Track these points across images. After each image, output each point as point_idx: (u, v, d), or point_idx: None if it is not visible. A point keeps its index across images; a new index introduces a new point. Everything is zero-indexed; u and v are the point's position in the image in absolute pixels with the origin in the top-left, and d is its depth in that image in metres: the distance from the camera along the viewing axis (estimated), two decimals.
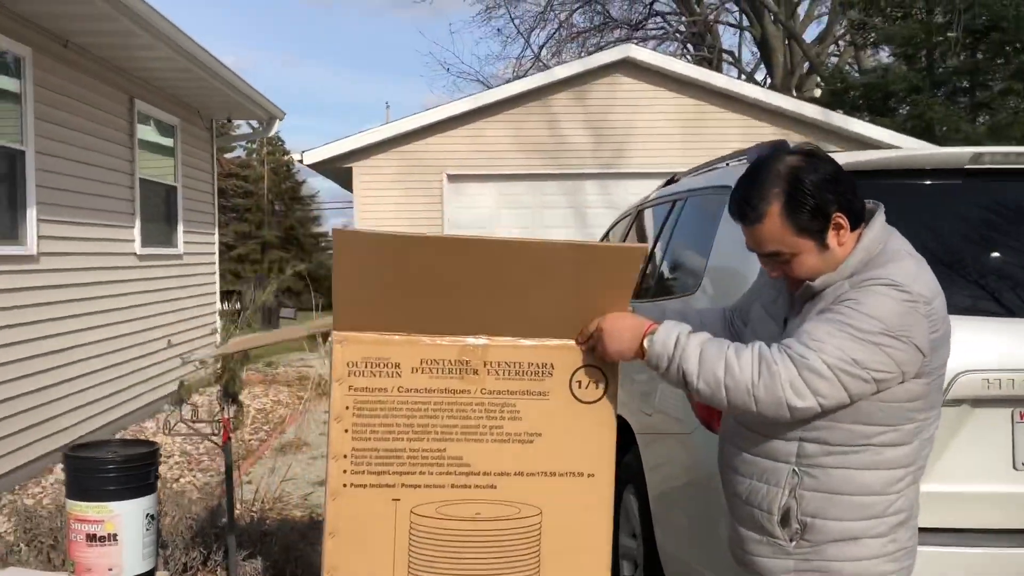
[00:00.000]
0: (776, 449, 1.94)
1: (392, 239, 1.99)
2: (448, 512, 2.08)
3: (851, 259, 1.89)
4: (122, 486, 3.44)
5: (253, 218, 30.61)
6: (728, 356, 1.83)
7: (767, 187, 1.88)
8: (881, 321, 1.78)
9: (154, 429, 7.63)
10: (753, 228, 1.92)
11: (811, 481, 1.91)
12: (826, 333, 1.79)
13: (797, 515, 1.92)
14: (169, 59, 7.37)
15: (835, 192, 1.87)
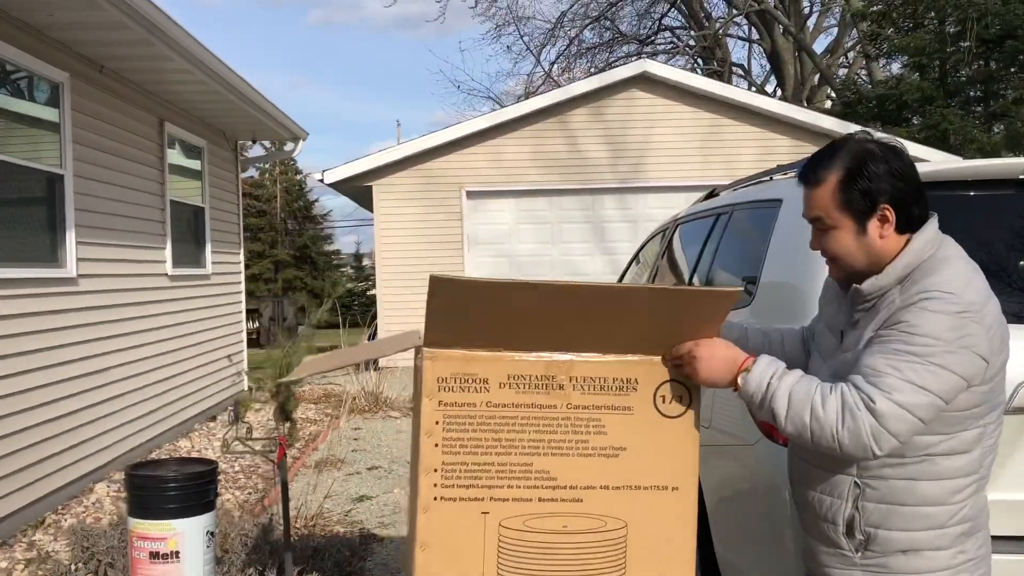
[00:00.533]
0: (838, 461, 1.97)
1: (486, 285, 2.00)
2: (535, 525, 2.11)
3: (898, 261, 1.91)
4: (183, 504, 3.47)
5: (266, 237, 30.79)
6: (814, 402, 1.85)
7: (836, 158, 1.96)
8: (938, 339, 1.80)
9: (188, 447, 7.69)
10: (809, 190, 2.00)
11: (873, 492, 1.94)
12: (890, 367, 1.81)
13: (861, 526, 1.94)
14: (200, 82, 7.48)
15: (892, 185, 1.91)
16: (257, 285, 28.66)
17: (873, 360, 1.83)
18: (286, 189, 31.56)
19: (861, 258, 1.95)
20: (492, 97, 27.95)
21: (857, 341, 1.95)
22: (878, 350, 1.84)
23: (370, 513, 5.64)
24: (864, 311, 1.97)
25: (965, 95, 15.98)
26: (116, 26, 5.91)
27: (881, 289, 1.92)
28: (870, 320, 1.93)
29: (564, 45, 24.76)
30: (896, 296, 1.90)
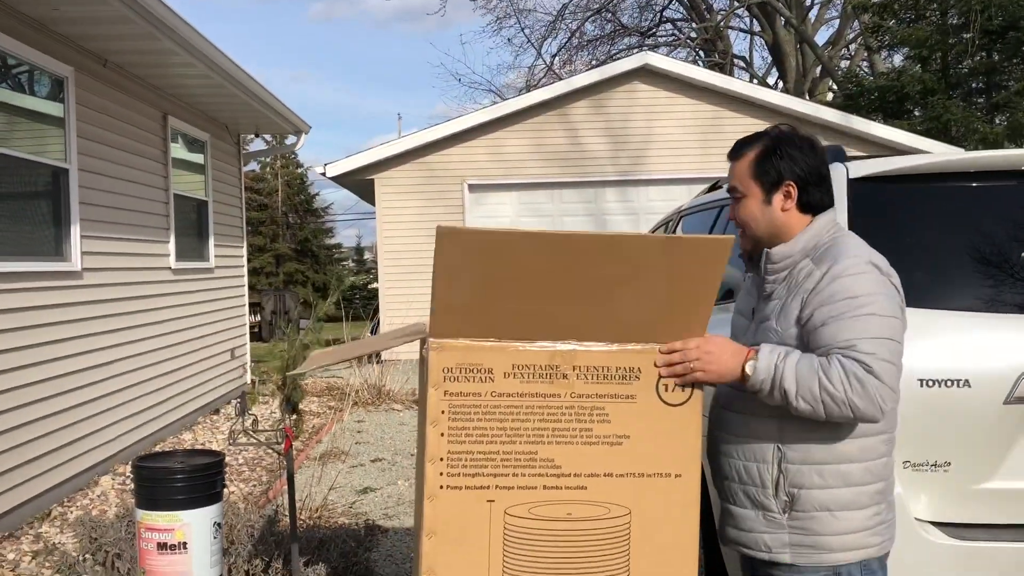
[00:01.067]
0: (760, 429, 2.14)
1: (493, 233, 2.07)
2: (541, 513, 2.13)
3: (804, 234, 2.15)
4: (191, 495, 3.51)
5: (267, 231, 30.85)
6: (820, 375, 1.98)
7: (759, 139, 2.24)
8: (873, 293, 2.02)
9: (192, 440, 7.72)
10: (732, 164, 2.26)
11: (794, 455, 2.10)
12: (858, 332, 1.98)
13: (786, 487, 2.10)
14: (204, 76, 7.49)
15: (799, 167, 2.17)
16: (258, 279, 28.71)
17: (841, 333, 2.00)
18: (287, 183, 31.59)
19: (764, 226, 2.19)
20: (493, 90, 27.96)
21: (779, 310, 2.13)
22: (836, 324, 2.01)
23: (374, 505, 5.68)
24: (777, 282, 2.17)
25: (967, 87, 15.97)
26: (120, 20, 5.92)
27: (788, 256, 2.15)
28: (788, 290, 2.13)
29: (565, 38, 24.76)
30: (810, 267, 2.11)
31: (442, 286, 2.07)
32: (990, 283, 2.86)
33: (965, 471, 2.67)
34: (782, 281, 2.16)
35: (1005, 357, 2.67)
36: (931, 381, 2.66)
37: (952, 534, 2.64)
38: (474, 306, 2.09)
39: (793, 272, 2.14)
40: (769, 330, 2.14)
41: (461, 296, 2.08)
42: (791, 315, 2.10)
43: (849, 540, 2.07)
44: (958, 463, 2.67)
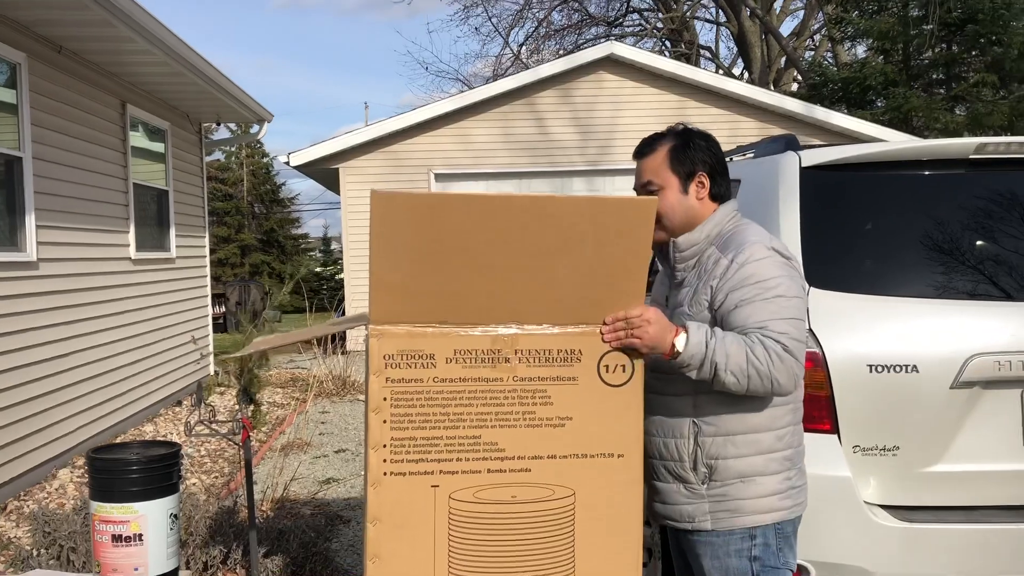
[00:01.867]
0: (676, 406, 2.25)
1: (428, 196, 2.13)
2: (485, 496, 2.14)
3: (707, 223, 2.28)
4: (146, 487, 3.48)
5: (232, 221, 30.49)
6: (747, 351, 2.09)
7: (667, 136, 2.36)
8: (777, 275, 2.16)
9: (153, 432, 7.65)
10: (642, 160, 2.36)
11: (708, 428, 2.21)
12: (769, 314, 2.11)
13: (703, 459, 2.22)
14: (162, 64, 7.39)
15: (708, 159, 2.32)
16: (224, 270, 28.41)
17: (754, 315, 2.13)
18: (252, 172, 31.25)
19: (680, 216, 2.29)
20: (461, 79, 27.83)
21: (691, 296, 2.24)
22: (749, 307, 2.13)
23: (337, 495, 5.66)
24: (687, 270, 2.30)
25: (928, 78, 16.15)
26: (75, 6, 5.82)
27: (694, 244, 2.28)
28: (698, 276, 2.25)
29: (533, 27, 24.71)
30: (716, 255, 2.23)
31: (380, 259, 2.07)
32: (940, 270, 2.89)
33: (913, 455, 2.71)
34: (691, 269, 2.29)
35: (952, 343, 2.71)
36: (880, 367, 2.70)
37: (901, 517, 2.68)
38: (412, 285, 2.09)
39: (701, 260, 2.27)
40: (683, 316, 2.24)
41: (399, 272, 2.08)
42: (702, 301, 2.21)
43: (763, 503, 2.19)
44: (906, 447, 2.71)
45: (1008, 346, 2.65)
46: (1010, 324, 2.69)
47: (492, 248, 2.08)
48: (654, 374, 2.25)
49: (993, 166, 3.00)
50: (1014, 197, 3.03)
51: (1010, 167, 3.00)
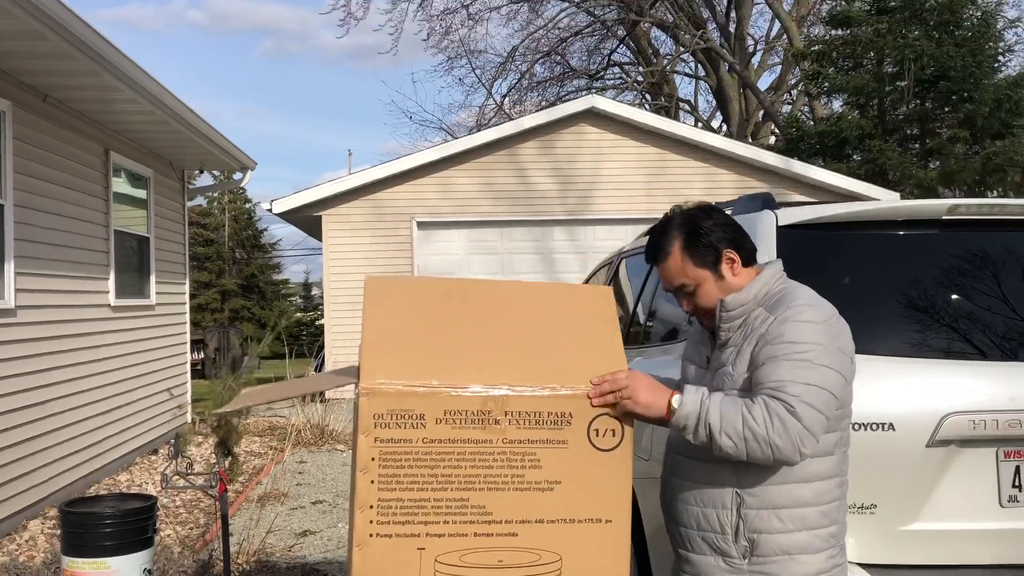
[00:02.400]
0: (718, 474, 2.16)
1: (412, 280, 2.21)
2: (471, 560, 2.12)
3: (755, 284, 2.21)
4: (120, 541, 3.42)
5: (213, 266, 30.44)
6: (744, 413, 2.03)
7: (671, 231, 2.27)
8: (817, 343, 2.07)
9: (128, 481, 7.54)
10: (662, 266, 2.28)
11: (752, 500, 2.12)
12: (791, 376, 2.03)
13: (745, 532, 2.12)
14: (147, 112, 7.43)
15: (725, 233, 2.24)
16: (203, 315, 28.26)
17: (774, 373, 2.06)
18: (234, 218, 31.27)
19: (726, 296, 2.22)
20: (444, 128, 28.09)
21: (735, 356, 2.17)
22: (773, 365, 2.07)
23: (314, 548, 5.58)
24: (732, 330, 2.21)
25: (903, 132, 16.47)
26: (62, 56, 5.86)
27: (742, 304, 2.20)
28: (744, 337, 2.18)
29: (515, 78, 25.04)
30: (763, 314, 2.17)
31: (371, 329, 2.12)
32: (915, 328, 2.93)
33: (890, 513, 2.72)
34: (737, 329, 2.21)
35: (928, 401, 2.74)
36: (858, 424, 2.71)
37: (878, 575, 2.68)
38: (402, 349, 2.12)
39: (748, 320, 2.19)
40: (725, 375, 2.18)
41: (390, 339, 2.12)
42: (746, 359, 2.15)
43: None
44: (884, 505, 2.72)
45: (982, 405, 2.68)
46: (984, 383, 2.72)
47: (474, 321, 2.19)
48: None
49: (966, 226, 3.06)
50: (986, 256, 3.09)
51: (982, 227, 3.06)
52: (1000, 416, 2.66)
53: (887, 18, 15.63)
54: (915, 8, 15.31)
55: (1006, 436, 2.67)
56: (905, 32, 15.38)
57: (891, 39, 15.25)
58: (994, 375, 2.74)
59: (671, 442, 2.33)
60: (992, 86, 15.13)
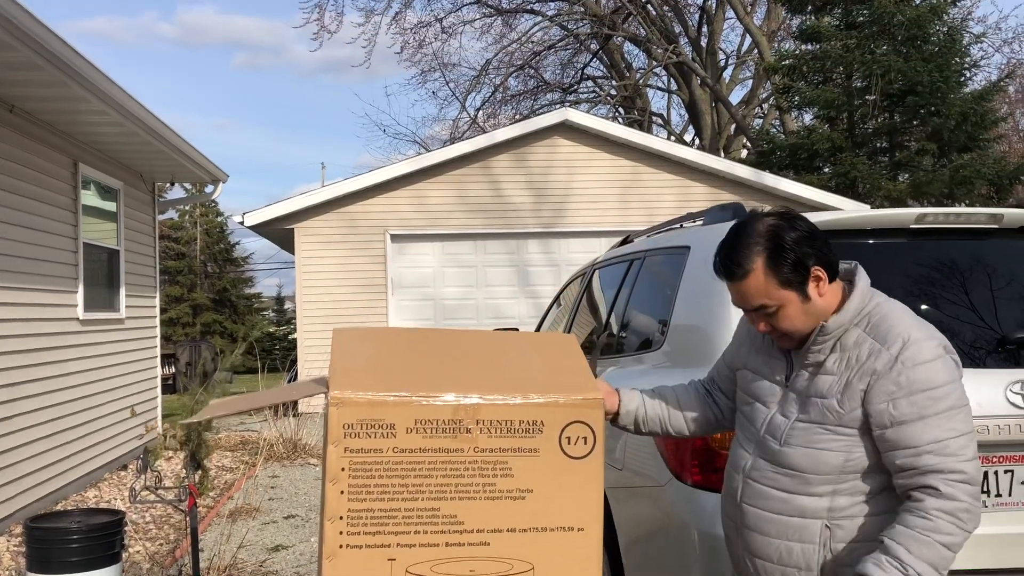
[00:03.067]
0: (808, 506, 2.04)
1: (379, 330, 2.47)
2: (442, 570, 2.10)
3: (852, 303, 2.03)
4: (87, 556, 3.37)
5: (185, 280, 30.18)
6: (934, 540, 1.87)
7: (751, 245, 2.02)
8: (950, 382, 1.95)
9: (97, 498, 7.42)
10: (740, 284, 2.05)
11: (842, 532, 2.01)
12: (946, 431, 1.91)
13: (832, 567, 2.01)
14: (117, 124, 7.36)
15: (812, 247, 2.01)
16: (175, 329, 27.98)
17: (925, 433, 1.92)
18: (206, 231, 31.04)
19: (811, 323, 2.04)
20: (418, 141, 28.09)
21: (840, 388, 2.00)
22: (920, 424, 1.92)
23: (286, 563, 5.52)
24: (823, 352, 2.04)
25: (872, 146, 16.67)
26: (29, 67, 5.80)
27: (842, 325, 2.02)
28: (845, 365, 2.01)
29: (489, 92, 25.11)
30: (866, 341, 1.99)
31: (340, 356, 2.16)
32: None
33: None
34: (830, 352, 2.04)
35: None
36: None
37: None
38: (373, 366, 2.13)
39: (844, 343, 2.03)
40: (828, 409, 2.01)
41: (361, 360, 2.15)
42: (856, 396, 1.98)
43: None
44: None
45: None
46: None
47: (443, 351, 2.29)
48: (779, 467, 2.08)
49: (934, 235, 3.09)
50: (954, 265, 3.12)
51: (950, 236, 3.10)
52: None
53: (856, 33, 15.84)
54: (883, 24, 15.52)
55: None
56: (873, 47, 15.59)
57: (860, 54, 15.45)
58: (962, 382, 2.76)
59: (739, 464, 2.20)
60: (958, 100, 15.36)
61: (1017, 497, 2.74)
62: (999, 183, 15.47)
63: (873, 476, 2.02)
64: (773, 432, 2.12)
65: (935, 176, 15.02)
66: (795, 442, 2.07)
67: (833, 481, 2.02)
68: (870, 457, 2.01)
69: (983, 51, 22.26)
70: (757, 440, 2.17)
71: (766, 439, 2.14)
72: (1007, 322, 2.92)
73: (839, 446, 2.02)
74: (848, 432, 2.01)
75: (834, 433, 2.02)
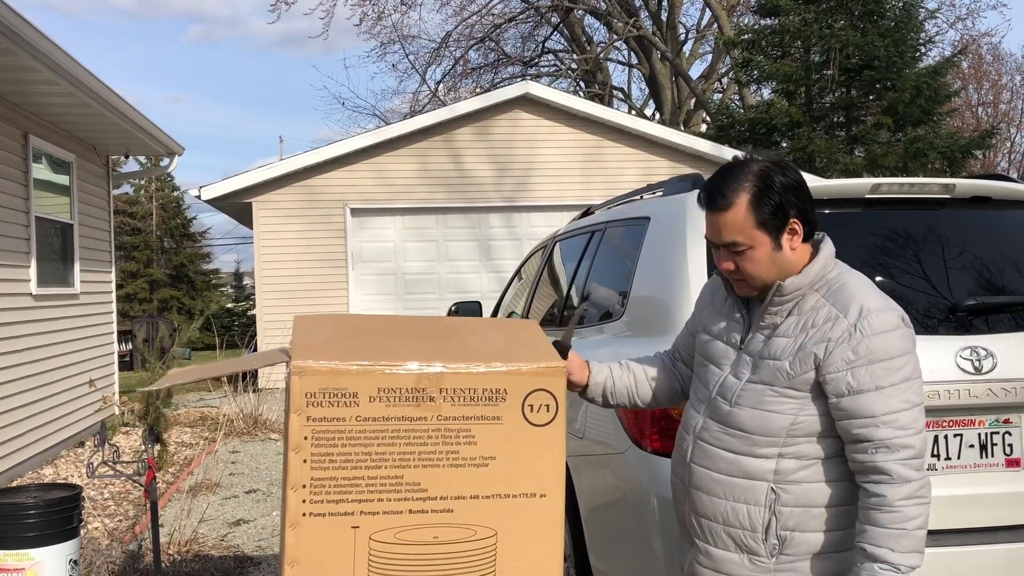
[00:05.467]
0: (754, 468, 2.06)
1: (340, 316, 2.44)
2: (406, 537, 2.12)
3: (813, 267, 2.03)
4: (44, 531, 3.34)
5: (141, 256, 29.70)
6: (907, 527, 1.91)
7: (740, 180, 2.02)
8: (907, 352, 1.98)
9: (53, 475, 7.33)
10: (719, 215, 2.03)
11: (788, 497, 2.03)
12: (899, 403, 1.94)
13: (777, 530, 2.03)
14: (69, 95, 7.19)
15: (798, 199, 2.02)
16: (131, 305, 27.57)
17: (883, 403, 1.94)
18: (162, 206, 30.53)
19: (774, 273, 2.04)
20: (378, 115, 27.84)
21: (793, 351, 2.01)
22: (876, 395, 1.94)
23: (247, 537, 5.51)
24: (780, 315, 2.05)
25: (829, 120, 16.84)
26: None
27: (799, 288, 2.02)
28: (802, 329, 2.01)
29: (449, 65, 24.92)
30: (824, 307, 2.00)
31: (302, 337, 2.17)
32: None
33: None
34: (787, 314, 2.04)
35: None
36: None
37: None
38: (335, 341, 2.14)
39: (801, 307, 2.03)
40: (779, 371, 2.02)
41: (322, 336, 2.17)
42: (809, 361, 1.98)
43: None
44: None
45: None
46: None
47: (405, 328, 2.35)
48: (727, 428, 2.09)
49: (888, 205, 3.15)
50: (908, 234, 3.18)
51: (903, 206, 3.15)
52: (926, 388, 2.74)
53: (814, 8, 15.94)
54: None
55: (926, 407, 2.75)
56: (831, 22, 15.70)
57: (818, 28, 15.56)
58: None
59: (690, 426, 2.20)
60: (913, 75, 15.55)
61: (965, 460, 2.81)
62: (952, 157, 15.73)
63: (819, 441, 2.03)
64: (724, 393, 2.14)
65: (890, 150, 15.22)
66: (744, 403, 2.08)
67: (779, 444, 2.03)
68: (817, 421, 2.02)
69: (937, 27, 22.53)
70: (708, 401, 2.18)
71: (717, 400, 2.15)
72: (958, 290, 2.98)
73: (787, 408, 2.03)
74: (797, 395, 2.02)
75: (782, 395, 2.03)
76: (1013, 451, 2.83)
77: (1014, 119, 30.05)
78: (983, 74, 29.40)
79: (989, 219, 3.22)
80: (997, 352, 2.81)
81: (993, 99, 29.91)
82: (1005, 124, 27.81)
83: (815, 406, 2.02)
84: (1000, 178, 3.36)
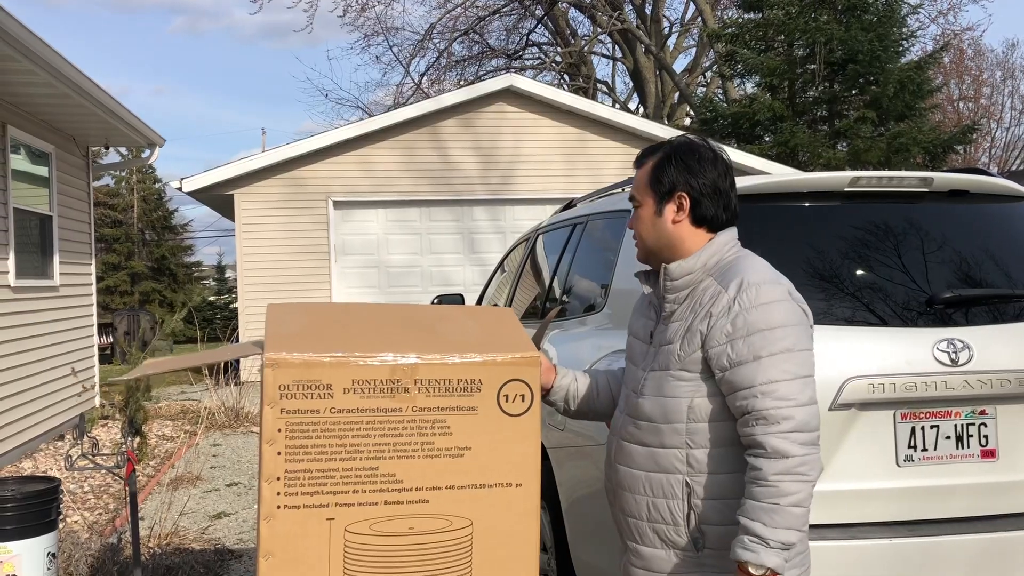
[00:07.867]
0: (667, 461, 2.06)
1: (315, 304, 2.38)
2: (382, 528, 2.11)
3: (704, 251, 2.08)
4: (21, 524, 3.31)
5: (122, 248, 29.47)
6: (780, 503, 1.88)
7: (661, 148, 2.20)
8: (789, 324, 1.97)
9: (32, 468, 7.28)
10: (637, 171, 2.23)
11: (702, 490, 2.03)
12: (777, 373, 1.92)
13: (697, 523, 2.03)
14: (47, 84, 7.12)
15: (695, 179, 2.11)
16: (112, 298, 27.38)
17: (761, 373, 1.93)
18: (143, 198, 30.31)
19: (654, 238, 2.14)
20: (361, 107, 27.75)
21: (684, 333, 2.04)
22: (754, 365, 1.93)
23: (228, 530, 5.49)
24: (678, 302, 2.09)
25: (812, 114, 16.90)
26: None
27: (688, 272, 2.07)
28: (692, 311, 2.05)
29: (433, 57, 24.86)
30: (713, 286, 2.03)
31: (275, 328, 2.16)
32: (819, 296, 3.01)
33: None
34: (683, 300, 2.08)
35: (831, 366, 2.82)
36: None
37: None
38: (309, 331, 2.13)
39: (696, 292, 2.07)
40: (671, 354, 2.06)
41: (296, 326, 2.16)
42: (695, 340, 2.02)
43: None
44: None
45: (881, 369, 2.78)
46: (883, 348, 2.82)
47: (380, 317, 2.31)
48: (637, 422, 2.12)
49: (867, 198, 3.16)
50: (887, 227, 3.19)
51: (882, 199, 3.16)
52: (897, 379, 2.76)
53: (798, 2, 15.98)
54: None
55: (903, 399, 2.78)
56: (815, 16, 15.75)
57: (801, 22, 15.61)
58: (892, 340, 2.84)
59: (615, 426, 2.23)
60: (896, 70, 15.62)
61: (942, 451, 2.83)
62: (933, 151, 15.82)
63: (722, 427, 2.02)
64: (634, 386, 2.18)
65: (873, 144, 15.30)
66: (647, 392, 2.12)
67: (682, 431, 2.03)
68: (711, 402, 2.02)
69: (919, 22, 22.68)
70: (625, 397, 2.22)
71: (630, 395, 2.19)
72: (936, 283, 3.00)
73: (682, 391, 2.04)
74: (689, 376, 2.04)
75: (676, 379, 2.05)
76: (988, 442, 2.85)
77: (995, 114, 30.27)
78: (964, 69, 29.58)
79: (967, 213, 3.24)
80: (973, 344, 2.83)
81: (974, 94, 30.11)
82: (986, 119, 28.01)
83: (706, 386, 2.03)
84: (978, 172, 3.37)
